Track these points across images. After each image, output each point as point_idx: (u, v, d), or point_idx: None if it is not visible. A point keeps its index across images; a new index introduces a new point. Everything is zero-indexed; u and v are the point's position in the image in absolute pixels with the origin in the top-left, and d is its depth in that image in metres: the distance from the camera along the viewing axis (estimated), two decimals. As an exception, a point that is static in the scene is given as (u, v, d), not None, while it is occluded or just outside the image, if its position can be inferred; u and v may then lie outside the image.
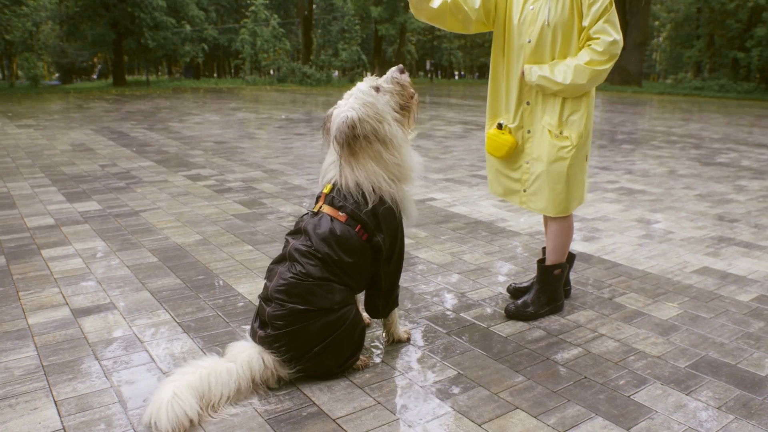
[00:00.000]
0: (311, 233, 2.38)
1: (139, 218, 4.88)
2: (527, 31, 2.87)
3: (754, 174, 7.50)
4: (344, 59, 31.75)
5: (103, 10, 25.97)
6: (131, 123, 12.12)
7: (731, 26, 30.09)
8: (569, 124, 2.90)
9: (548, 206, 2.99)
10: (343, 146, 2.36)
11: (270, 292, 2.35)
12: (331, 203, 2.43)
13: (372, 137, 2.37)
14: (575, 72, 2.77)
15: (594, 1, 2.73)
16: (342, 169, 2.41)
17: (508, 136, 3.02)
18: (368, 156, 2.39)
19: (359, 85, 2.45)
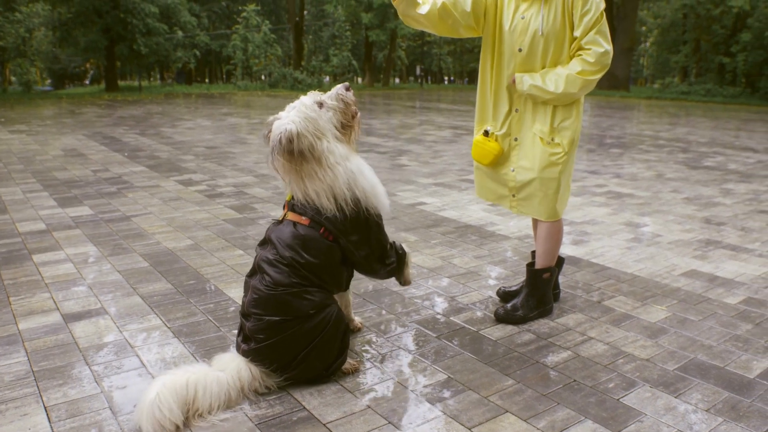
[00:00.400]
0: (275, 241, 2.39)
1: (130, 223, 4.87)
2: (518, 39, 2.88)
3: (741, 177, 7.57)
4: (335, 65, 31.82)
5: (96, 17, 25.94)
6: (123, 128, 12.08)
7: (717, 32, 30.41)
8: (560, 130, 2.93)
9: (540, 211, 3.02)
10: (281, 159, 2.34)
11: (246, 308, 2.37)
12: (293, 209, 2.44)
13: (308, 154, 2.33)
14: (567, 81, 2.80)
15: (586, 12, 2.75)
16: (287, 182, 2.42)
17: (494, 143, 3.04)
18: (304, 173, 2.36)
19: (303, 98, 2.43)
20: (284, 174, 2.39)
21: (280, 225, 2.45)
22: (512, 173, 3.04)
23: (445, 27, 2.97)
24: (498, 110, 3.05)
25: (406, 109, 18.83)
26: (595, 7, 2.75)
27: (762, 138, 12.39)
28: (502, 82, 3.00)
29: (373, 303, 3.30)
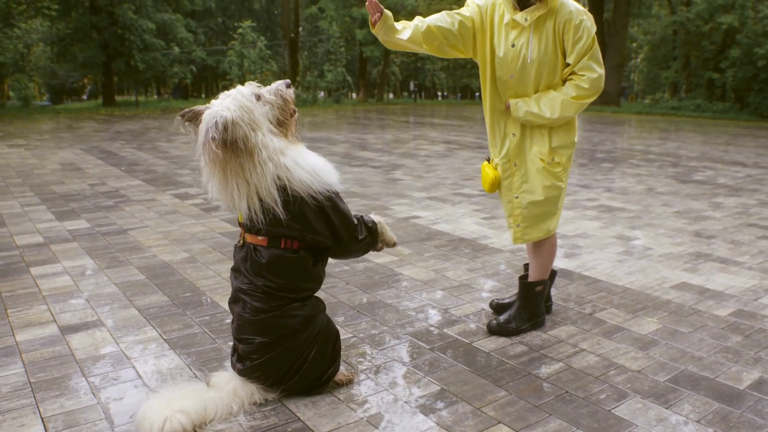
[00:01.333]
0: (242, 270, 2.34)
1: (127, 236, 4.90)
2: (510, 66, 2.90)
3: (730, 191, 7.66)
4: (330, 80, 31.94)
5: (94, 33, 26.07)
6: (120, 143, 12.13)
7: (706, 48, 30.74)
8: (559, 150, 2.98)
9: (542, 231, 3.07)
10: (210, 149, 2.14)
11: (235, 333, 2.37)
12: (249, 231, 2.32)
13: (241, 145, 2.15)
14: (562, 106, 2.85)
15: (578, 39, 2.78)
16: (222, 190, 2.23)
17: (491, 170, 3.10)
18: (230, 169, 2.18)
19: (240, 87, 2.27)
20: (210, 167, 2.20)
21: (241, 251, 2.37)
22: (516, 200, 3.07)
23: (431, 48, 2.99)
24: (495, 135, 3.09)
25: (400, 124, 18.94)
26: (587, 34, 2.78)
27: (751, 153, 12.51)
28: (498, 107, 3.05)
29: (367, 315, 3.33)
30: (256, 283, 2.29)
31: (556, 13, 2.79)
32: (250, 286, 2.30)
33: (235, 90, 2.26)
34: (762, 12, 26.38)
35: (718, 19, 28.48)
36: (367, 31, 33.50)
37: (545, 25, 2.81)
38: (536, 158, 2.99)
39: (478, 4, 2.98)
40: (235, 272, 2.41)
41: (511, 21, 2.84)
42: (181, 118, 2.29)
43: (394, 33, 2.93)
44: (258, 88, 2.31)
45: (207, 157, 2.19)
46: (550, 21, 2.80)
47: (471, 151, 11.57)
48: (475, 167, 9.36)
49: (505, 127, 3.06)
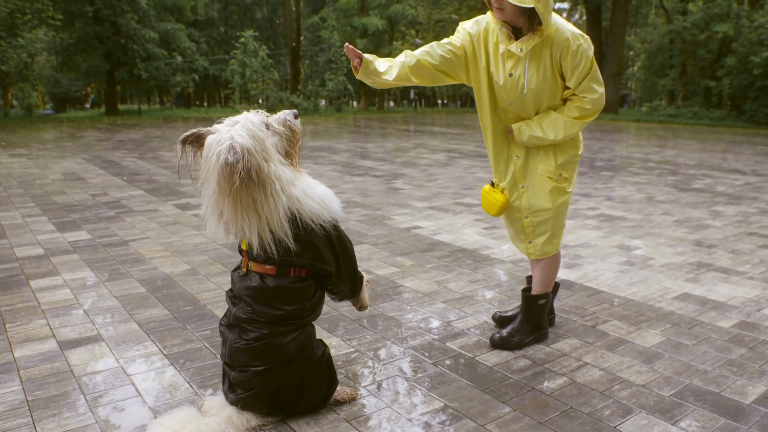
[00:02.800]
0: (246, 298, 2.26)
1: (128, 248, 4.89)
2: (509, 95, 2.88)
3: (729, 199, 7.64)
4: (331, 89, 32.03)
5: (97, 42, 26.18)
6: (123, 152, 12.14)
7: (703, 56, 30.88)
8: (565, 165, 2.98)
9: (555, 246, 3.07)
10: (218, 179, 2.06)
11: (227, 359, 2.29)
12: (255, 259, 2.26)
13: (254, 176, 2.07)
14: (565, 127, 2.84)
15: (577, 64, 2.75)
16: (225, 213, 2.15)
17: (498, 195, 3.07)
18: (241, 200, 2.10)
19: (248, 114, 2.20)
20: (219, 197, 2.10)
21: (245, 279, 2.30)
22: (527, 220, 3.05)
23: (422, 80, 2.94)
24: (499, 159, 3.07)
25: (401, 133, 18.97)
26: (585, 59, 2.74)
27: (748, 160, 12.51)
28: (499, 132, 3.03)
29: (369, 328, 3.31)
30: (259, 310, 2.23)
31: (552, 41, 2.74)
32: (251, 315, 2.24)
33: (242, 117, 2.19)
34: (757, 21, 26.52)
35: (714, 28, 28.63)
36: (368, 41, 33.65)
37: (541, 54, 2.77)
38: (544, 177, 2.97)
39: (468, 31, 2.93)
40: (234, 299, 2.35)
41: (506, 51, 2.81)
42: (182, 143, 2.20)
43: (378, 75, 2.88)
44: (266, 117, 2.26)
45: (217, 185, 2.09)
46: (546, 49, 2.76)
47: (472, 160, 11.57)
48: (476, 176, 9.36)
49: (509, 150, 3.05)
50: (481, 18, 2.94)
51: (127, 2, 25.77)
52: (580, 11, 46.92)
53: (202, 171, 2.15)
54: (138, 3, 26.07)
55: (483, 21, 2.92)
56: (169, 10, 31.86)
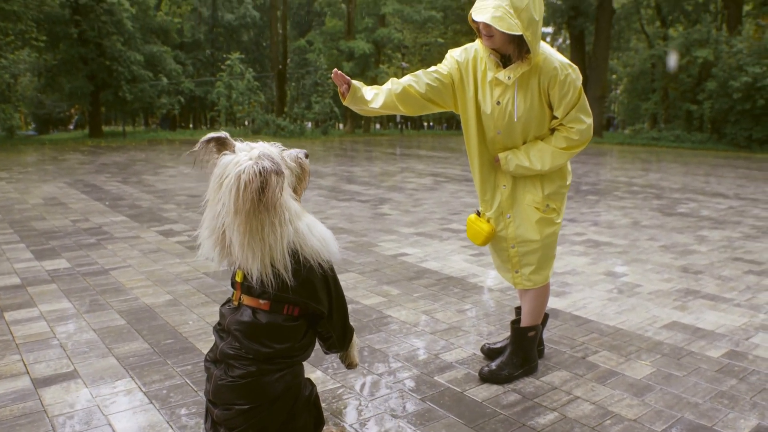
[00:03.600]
0: (235, 333, 2.18)
1: (108, 277, 4.79)
2: (497, 123, 2.86)
3: (714, 224, 7.68)
4: (317, 112, 32.10)
5: (82, 64, 26.10)
6: (105, 176, 12.02)
7: (684, 80, 31.43)
8: (552, 196, 2.95)
9: (544, 276, 3.02)
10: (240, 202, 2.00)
11: (212, 396, 2.19)
12: (249, 293, 2.18)
13: (270, 201, 2.02)
14: (552, 157, 2.82)
15: (564, 94, 2.73)
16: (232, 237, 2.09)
17: (484, 224, 3.03)
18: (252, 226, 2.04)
19: (264, 144, 2.15)
20: (224, 219, 2.05)
21: (236, 312, 2.22)
22: (513, 250, 3.01)
23: (408, 109, 2.91)
24: (485, 188, 3.04)
25: (387, 156, 18.99)
26: (573, 88, 2.73)
27: (731, 184, 12.63)
28: (486, 161, 3.00)
29: (355, 361, 3.24)
30: (249, 347, 2.15)
31: (540, 70, 2.72)
32: (239, 352, 2.16)
33: (259, 144, 2.14)
34: (735, 47, 27.04)
35: (694, 53, 29.13)
36: (354, 64, 33.85)
37: (529, 82, 2.75)
38: (531, 208, 2.94)
39: (456, 59, 2.92)
40: (222, 333, 2.26)
41: (494, 79, 2.79)
42: (206, 143, 2.18)
43: (364, 103, 2.85)
44: (282, 150, 2.23)
45: (232, 205, 2.02)
46: (534, 78, 2.74)
47: (458, 184, 11.58)
48: (462, 201, 9.35)
49: (495, 179, 3.02)
50: (470, 46, 2.93)
51: (113, 24, 25.77)
52: (563, 35, 47.63)
53: (210, 190, 2.10)
54: (124, 25, 26.08)
55: (471, 49, 2.91)
56: (155, 32, 31.92)
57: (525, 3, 2.54)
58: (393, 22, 39.30)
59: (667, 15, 38.99)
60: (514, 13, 2.53)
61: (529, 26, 2.56)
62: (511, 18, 2.52)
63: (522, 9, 2.54)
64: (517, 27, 2.53)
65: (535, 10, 2.59)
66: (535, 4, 2.58)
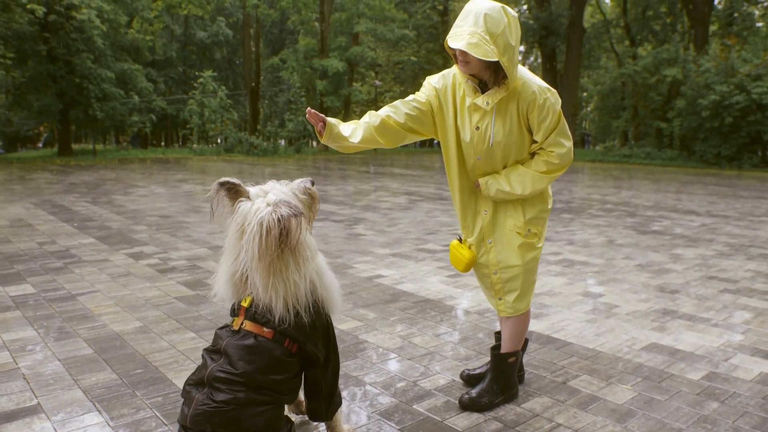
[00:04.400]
0: (232, 355, 2.13)
1: (75, 303, 4.63)
2: (476, 149, 2.83)
3: (687, 242, 7.75)
4: (290, 129, 32.01)
5: (51, 82, 25.65)
6: (74, 196, 11.76)
7: (653, 99, 32.11)
8: (534, 220, 2.91)
9: (526, 303, 2.98)
10: (264, 245, 2.06)
11: (188, 423, 2.09)
12: (254, 319, 2.17)
13: (294, 241, 2.10)
14: (533, 181, 2.79)
15: (543, 118, 2.71)
16: (255, 280, 2.15)
17: (465, 250, 2.99)
18: (274, 266, 2.11)
19: (274, 184, 2.23)
20: (255, 265, 2.10)
21: (236, 336, 2.18)
22: (495, 276, 2.96)
23: (388, 141, 2.87)
24: (466, 213, 3.00)
25: (361, 175, 18.95)
26: (552, 112, 2.70)
27: (702, 201, 12.82)
28: (466, 186, 2.97)
29: (333, 390, 3.14)
30: (244, 371, 2.09)
31: (518, 95, 2.70)
32: (231, 375, 2.09)
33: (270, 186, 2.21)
34: (703, 66, 27.70)
35: (663, 72, 29.78)
36: (327, 82, 33.91)
37: (508, 107, 2.73)
38: (512, 233, 2.90)
39: (434, 86, 2.89)
40: (214, 354, 2.20)
41: (472, 104, 2.77)
42: (220, 186, 2.18)
43: (343, 140, 2.79)
44: (289, 185, 2.27)
45: (256, 251, 2.07)
46: (513, 103, 2.72)
47: (432, 203, 11.57)
48: (438, 220, 9.32)
49: (476, 204, 2.98)
50: (448, 71, 2.90)
51: (83, 42, 25.42)
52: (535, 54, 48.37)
53: (229, 238, 2.16)
54: (94, 42, 25.72)
55: (450, 74, 2.88)
56: (126, 50, 31.57)
57: (501, 28, 2.52)
58: (366, 41, 39.54)
59: (635, 34, 39.89)
60: (490, 39, 2.50)
61: (506, 52, 2.54)
62: (487, 44, 2.50)
63: (498, 35, 2.51)
64: (493, 53, 2.50)
65: (512, 35, 2.56)
66: (511, 29, 2.56)
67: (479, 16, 2.51)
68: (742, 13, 36.90)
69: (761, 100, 24.59)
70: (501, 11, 2.55)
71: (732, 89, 25.44)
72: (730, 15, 36.33)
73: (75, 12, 24.03)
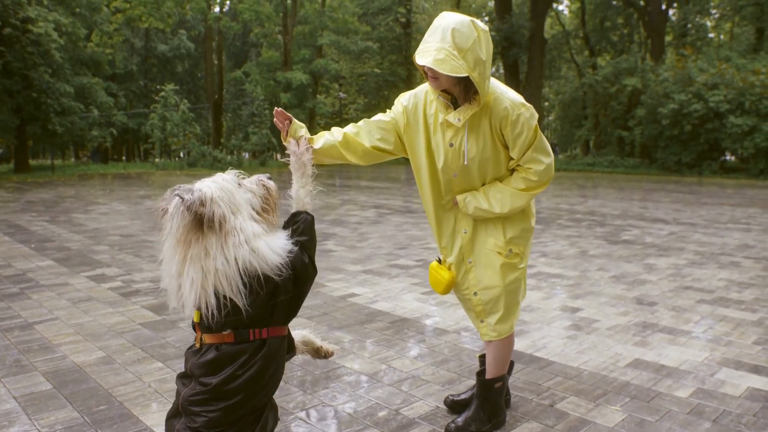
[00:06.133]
0: (198, 376, 2.01)
1: (32, 332, 4.36)
2: (452, 166, 2.72)
3: (659, 251, 7.77)
4: (254, 143, 31.65)
5: (6, 97, 24.84)
6: (31, 215, 11.31)
7: (614, 108, 32.74)
8: (515, 239, 2.80)
9: (510, 325, 2.85)
10: (182, 226, 1.98)
11: None
12: (209, 330, 2.06)
13: (216, 226, 1.98)
14: (512, 199, 2.69)
15: (518, 135, 2.61)
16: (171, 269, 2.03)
17: (445, 271, 2.86)
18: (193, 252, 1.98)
19: (222, 174, 2.18)
20: (175, 246, 2.00)
21: (198, 353, 2.05)
22: (476, 297, 2.84)
23: (357, 157, 2.79)
24: (443, 233, 2.89)
25: (327, 188, 18.76)
26: (527, 128, 2.60)
27: (667, 208, 12.98)
28: (444, 205, 2.85)
29: (307, 423, 2.98)
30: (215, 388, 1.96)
31: (490, 110, 2.60)
32: (203, 396, 1.97)
33: (216, 175, 2.16)
34: (661, 75, 28.33)
35: (623, 81, 30.37)
36: (292, 95, 33.69)
37: (480, 123, 2.63)
38: (493, 252, 2.77)
39: (404, 104, 2.80)
40: (184, 379, 2.08)
41: (444, 121, 2.67)
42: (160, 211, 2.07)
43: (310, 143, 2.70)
44: (240, 176, 2.20)
45: (174, 233, 1.99)
46: (485, 118, 2.62)
47: (402, 216, 11.46)
48: (408, 234, 9.20)
49: (455, 223, 2.86)
50: (420, 88, 2.79)
51: (40, 55, 24.74)
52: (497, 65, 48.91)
53: (166, 220, 2.04)
54: (52, 56, 25.07)
55: (422, 92, 2.77)
56: (85, 63, 30.90)
57: (470, 43, 2.42)
58: (330, 53, 39.43)
59: (594, 45, 40.63)
60: (459, 54, 2.40)
61: (476, 66, 2.44)
62: (455, 59, 2.39)
63: (467, 49, 2.41)
64: (462, 68, 2.40)
65: (482, 49, 2.46)
66: (481, 44, 2.46)
67: (447, 31, 2.42)
68: (695, 24, 37.95)
69: (718, 109, 25.22)
70: (470, 25, 2.45)
71: (690, 98, 26.05)
72: (684, 26, 37.32)
73: (31, 25, 23.39)
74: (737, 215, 11.84)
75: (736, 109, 25.12)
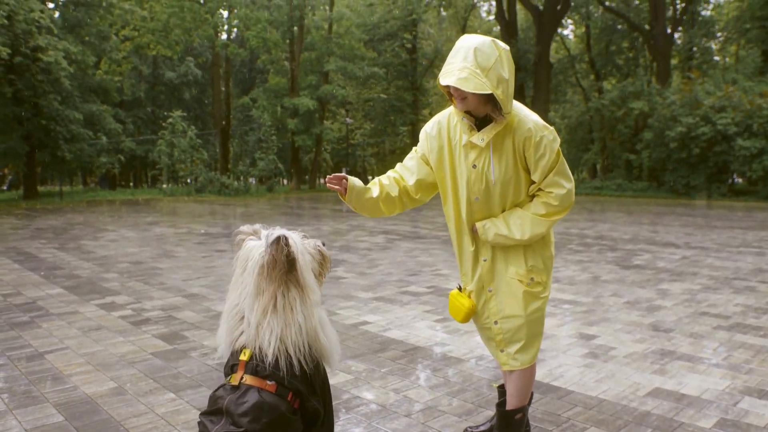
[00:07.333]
0: (235, 413, 1.94)
1: (43, 362, 4.33)
2: (474, 189, 2.72)
3: (672, 276, 7.69)
4: (261, 168, 31.79)
5: (16, 124, 25.10)
6: (41, 242, 11.33)
7: (622, 131, 32.73)
8: (536, 268, 2.76)
9: (532, 355, 2.80)
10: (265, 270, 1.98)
11: None
12: (255, 372, 2.01)
13: (300, 277, 2.01)
14: (532, 225, 2.67)
15: (540, 157, 2.61)
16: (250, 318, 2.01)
17: (465, 299, 2.84)
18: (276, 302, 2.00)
19: (283, 229, 2.17)
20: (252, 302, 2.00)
21: (236, 392, 1.99)
22: (496, 326, 2.80)
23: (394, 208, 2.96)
24: (464, 260, 2.87)
25: (335, 213, 18.76)
26: (549, 150, 2.61)
27: (678, 232, 12.89)
28: (464, 230, 2.84)
29: (327, 456, 2.91)
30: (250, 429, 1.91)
31: (514, 131, 2.62)
32: None
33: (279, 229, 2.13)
34: (668, 98, 28.35)
35: (630, 105, 30.41)
36: (299, 120, 33.86)
37: (504, 144, 2.63)
38: (514, 281, 2.74)
39: (427, 132, 2.87)
40: (211, 415, 2.01)
41: (468, 143, 2.68)
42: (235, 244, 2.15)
43: (364, 193, 2.85)
44: (301, 237, 2.19)
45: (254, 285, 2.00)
46: (509, 139, 2.63)
47: (411, 242, 11.42)
48: (418, 260, 9.16)
49: (476, 251, 2.83)
50: (443, 113, 2.81)
51: (50, 83, 25.02)
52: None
53: (234, 276, 2.08)
54: (61, 84, 25.35)
55: (444, 117, 2.79)
56: (94, 91, 31.21)
57: (492, 62, 2.46)
58: (336, 79, 39.71)
59: (600, 69, 40.80)
60: (482, 73, 2.44)
61: (499, 84, 2.48)
62: (479, 78, 2.43)
63: (489, 68, 2.45)
64: (486, 86, 2.43)
65: (504, 68, 2.50)
66: (503, 63, 2.49)
67: (469, 51, 2.47)
68: (700, 47, 38.12)
69: (726, 131, 25.17)
70: (492, 45, 2.50)
71: (698, 121, 26.03)
72: (690, 49, 37.48)
73: (41, 54, 23.69)
74: (749, 239, 11.74)
75: (744, 132, 25.07)
